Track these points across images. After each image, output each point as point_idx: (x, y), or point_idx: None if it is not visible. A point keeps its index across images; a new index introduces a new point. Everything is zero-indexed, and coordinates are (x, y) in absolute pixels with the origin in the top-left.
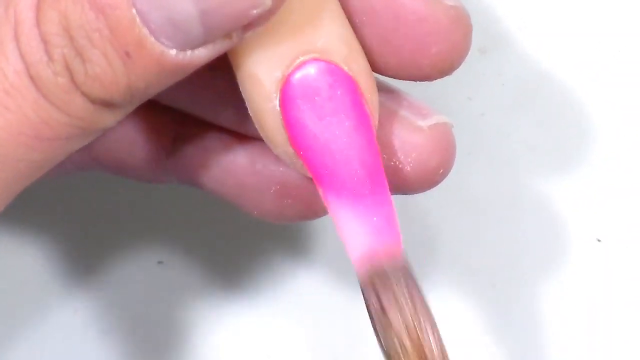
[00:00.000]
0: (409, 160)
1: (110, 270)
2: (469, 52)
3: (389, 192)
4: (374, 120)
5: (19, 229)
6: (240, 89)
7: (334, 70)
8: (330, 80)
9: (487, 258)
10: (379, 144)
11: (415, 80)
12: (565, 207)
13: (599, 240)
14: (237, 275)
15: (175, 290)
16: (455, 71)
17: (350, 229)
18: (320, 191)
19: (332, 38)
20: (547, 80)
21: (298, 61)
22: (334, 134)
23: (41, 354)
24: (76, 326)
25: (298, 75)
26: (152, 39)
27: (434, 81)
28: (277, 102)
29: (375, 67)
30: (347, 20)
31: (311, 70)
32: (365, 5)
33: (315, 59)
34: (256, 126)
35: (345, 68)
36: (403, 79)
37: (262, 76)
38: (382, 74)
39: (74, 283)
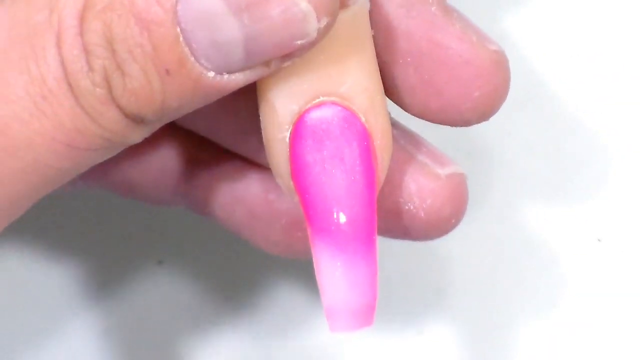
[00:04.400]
0: (424, 206)
1: (110, 270)
2: None
3: (376, 252)
4: (380, 179)
5: (19, 228)
6: (259, 114)
7: (351, 119)
8: (344, 127)
9: (486, 258)
10: (397, 186)
11: (452, 125)
12: (566, 207)
13: (599, 240)
14: (237, 275)
15: (175, 290)
16: None
17: (328, 277)
18: (309, 230)
19: (357, 87)
20: (547, 80)
21: (317, 100)
22: (334, 182)
23: (41, 354)
24: (76, 326)
25: (314, 114)
26: (192, 59)
27: None
28: (287, 134)
29: (415, 109)
30: (378, 73)
31: (328, 112)
32: (411, 46)
33: (335, 103)
34: (266, 153)
35: (363, 119)
36: (441, 123)
37: (278, 106)
38: (420, 117)
39: (74, 283)
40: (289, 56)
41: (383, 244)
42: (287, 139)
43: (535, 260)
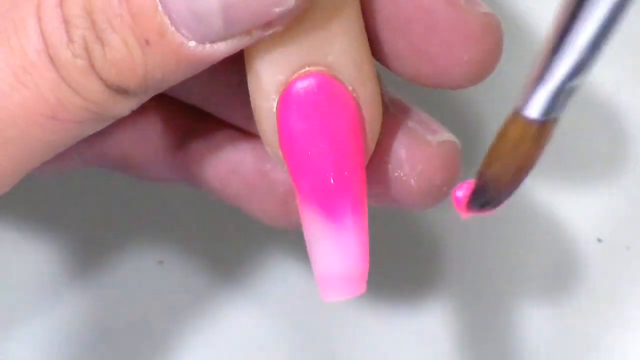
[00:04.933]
0: (414, 173)
1: (110, 270)
2: None
3: (366, 220)
4: (369, 148)
5: (19, 228)
6: (248, 83)
7: (337, 89)
8: (331, 97)
9: (487, 257)
10: (387, 153)
11: (446, 88)
12: (566, 207)
13: (599, 240)
14: (237, 275)
15: (175, 290)
16: None
17: (317, 245)
18: (297, 199)
19: (344, 57)
20: None
21: (304, 70)
22: (321, 152)
23: (41, 354)
24: (76, 326)
25: (300, 84)
26: (173, 29)
27: None
28: (274, 104)
29: (406, 74)
30: (366, 42)
31: (314, 82)
32: (397, 13)
33: (321, 73)
34: (255, 122)
35: (350, 89)
36: (434, 87)
37: (265, 76)
38: (413, 82)
39: (74, 283)
40: (270, 25)
41: (383, 240)
42: (274, 109)
43: (536, 260)
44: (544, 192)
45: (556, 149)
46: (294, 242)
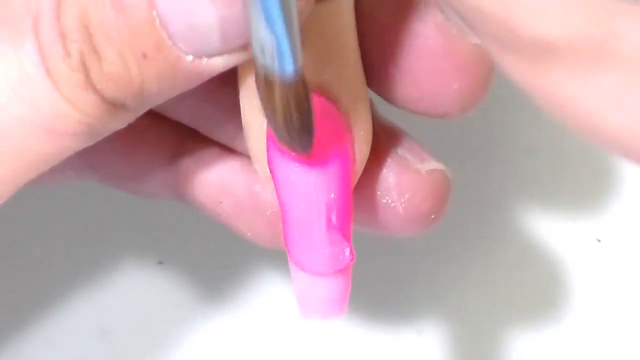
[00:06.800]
0: (402, 200)
1: (110, 270)
2: None
3: (350, 242)
4: (357, 170)
5: (19, 229)
6: (240, 101)
7: (329, 108)
8: (321, 116)
9: (486, 257)
10: (375, 179)
11: (432, 116)
12: (566, 207)
13: (599, 240)
14: (238, 276)
15: (175, 290)
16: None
17: (300, 280)
18: (282, 218)
19: (337, 76)
20: None
21: None
22: None
23: (41, 354)
24: (76, 326)
25: None
26: (170, 42)
27: None
28: (265, 121)
29: (394, 100)
30: (359, 64)
31: None
32: (390, 36)
33: (313, 91)
34: (245, 139)
35: (342, 109)
36: (422, 114)
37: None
38: (400, 107)
39: (74, 283)
40: None
41: (385, 246)
42: (265, 125)
43: (535, 260)
44: (543, 191)
45: (556, 149)
46: None
